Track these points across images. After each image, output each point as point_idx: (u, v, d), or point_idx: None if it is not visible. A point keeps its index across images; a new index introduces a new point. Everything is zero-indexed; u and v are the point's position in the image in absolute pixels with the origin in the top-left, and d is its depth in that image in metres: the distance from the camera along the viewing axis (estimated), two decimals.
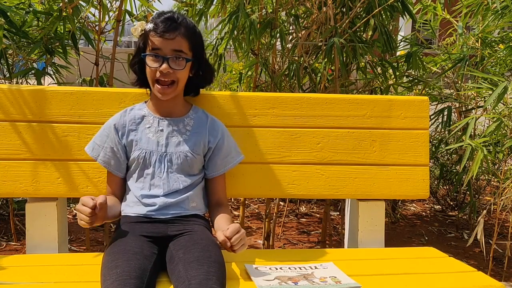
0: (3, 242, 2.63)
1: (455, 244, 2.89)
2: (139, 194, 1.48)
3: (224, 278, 1.28)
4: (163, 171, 1.48)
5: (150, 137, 1.51)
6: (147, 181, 1.49)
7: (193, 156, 1.50)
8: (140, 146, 1.50)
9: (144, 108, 1.56)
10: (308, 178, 1.74)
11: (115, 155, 1.52)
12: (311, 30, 2.30)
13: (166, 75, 1.45)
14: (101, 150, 1.52)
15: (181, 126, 1.53)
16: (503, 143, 2.37)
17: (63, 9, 2.02)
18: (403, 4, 2.30)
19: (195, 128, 1.54)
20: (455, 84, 2.91)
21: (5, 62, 2.18)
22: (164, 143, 1.50)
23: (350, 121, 1.76)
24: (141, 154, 1.49)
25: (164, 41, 1.43)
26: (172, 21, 1.45)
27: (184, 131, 1.52)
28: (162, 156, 1.49)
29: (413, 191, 1.78)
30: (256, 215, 3.29)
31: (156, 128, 1.52)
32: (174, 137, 1.51)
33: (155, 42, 1.44)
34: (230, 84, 3.50)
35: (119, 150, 1.51)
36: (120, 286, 1.17)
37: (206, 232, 1.46)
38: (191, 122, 1.55)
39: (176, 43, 1.44)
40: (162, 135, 1.51)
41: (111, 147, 1.51)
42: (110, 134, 1.52)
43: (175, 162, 1.49)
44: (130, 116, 1.54)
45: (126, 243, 1.35)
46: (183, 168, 1.50)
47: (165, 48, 1.44)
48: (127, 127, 1.52)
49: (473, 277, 1.46)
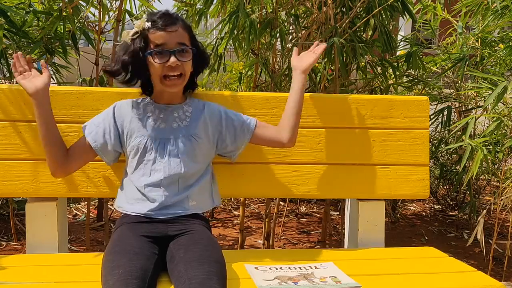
0: (3, 242, 2.63)
1: (455, 244, 2.89)
2: (142, 184, 1.47)
3: (225, 278, 1.28)
4: (165, 155, 1.49)
5: (152, 124, 1.52)
6: (147, 167, 1.49)
7: (195, 140, 1.51)
8: (141, 133, 1.51)
9: (146, 98, 1.58)
10: (308, 178, 1.74)
11: (105, 137, 1.52)
12: (311, 30, 2.30)
13: (175, 68, 1.46)
14: (93, 129, 1.53)
15: (181, 112, 1.55)
16: (503, 143, 2.37)
17: (63, 9, 2.02)
18: (403, 4, 2.30)
19: (194, 114, 1.56)
20: (455, 84, 2.91)
21: (5, 62, 2.18)
22: (166, 128, 1.52)
23: (350, 121, 1.76)
24: (142, 140, 1.50)
25: (168, 35, 1.44)
26: (169, 15, 1.47)
27: (184, 117, 1.54)
28: (163, 142, 1.50)
29: (413, 191, 1.78)
30: (256, 215, 3.29)
31: (157, 115, 1.53)
32: (175, 122, 1.53)
33: (158, 38, 1.44)
34: (230, 84, 3.50)
35: (111, 133, 1.52)
36: (122, 286, 1.17)
37: (206, 231, 1.46)
38: (189, 108, 1.57)
39: (179, 35, 1.46)
40: (163, 121, 1.52)
41: (104, 128, 1.52)
42: (107, 117, 1.54)
43: (177, 146, 1.50)
44: (132, 104, 1.56)
45: (127, 243, 1.35)
46: (186, 152, 1.50)
47: (170, 42, 1.45)
48: (130, 114, 1.54)
49: (473, 277, 1.46)
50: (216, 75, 3.12)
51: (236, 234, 2.87)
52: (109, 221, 2.68)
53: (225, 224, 3.08)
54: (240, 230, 2.46)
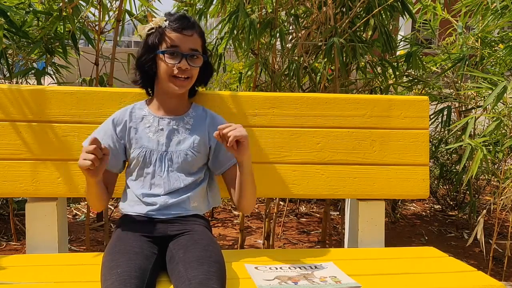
0: (3, 242, 2.63)
1: (455, 244, 2.89)
2: (139, 193, 1.48)
3: (224, 278, 1.28)
4: (164, 170, 1.48)
5: (150, 136, 1.51)
6: (147, 180, 1.49)
7: (193, 155, 1.51)
8: (140, 145, 1.50)
9: (145, 108, 1.57)
10: (308, 178, 1.74)
11: (112, 152, 1.51)
12: (311, 29, 2.30)
13: (184, 71, 1.47)
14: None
15: (181, 124, 1.53)
16: (503, 143, 2.37)
17: (63, 9, 2.02)
18: (403, 4, 2.30)
19: (195, 126, 1.54)
20: (454, 83, 2.91)
21: (5, 62, 2.18)
22: (165, 142, 1.50)
23: (350, 121, 1.76)
24: (141, 153, 1.49)
25: (183, 38, 1.46)
26: (187, 19, 1.49)
27: (184, 130, 1.53)
28: (162, 155, 1.49)
29: (413, 190, 1.78)
30: (256, 215, 3.29)
31: (156, 127, 1.52)
32: (175, 135, 1.52)
33: (174, 39, 1.46)
34: (230, 84, 3.50)
35: (116, 146, 1.52)
36: (120, 286, 1.17)
37: (206, 232, 1.46)
38: (191, 120, 1.55)
39: (193, 41, 1.48)
40: (162, 134, 1.51)
41: (108, 143, 1.51)
42: (108, 131, 1.53)
43: (175, 161, 1.49)
44: (130, 114, 1.55)
45: (126, 243, 1.35)
46: (183, 166, 1.50)
47: (183, 46, 1.46)
48: (127, 124, 1.53)
49: (473, 276, 1.46)
50: (216, 75, 3.12)
51: (236, 234, 2.87)
52: (109, 221, 2.69)
53: (225, 224, 3.08)
54: (240, 230, 2.46)
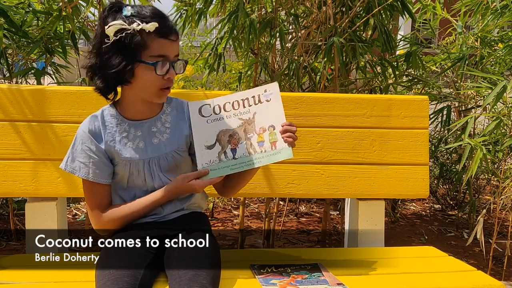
0: (3, 242, 2.63)
1: (455, 244, 2.89)
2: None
3: (217, 274, 1.28)
4: (153, 179, 1.39)
5: (130, 145, 1.37)
6: (138, 190, 1.40)
7: (179, 155, 1.41)
8: (123, 158, 1.37)
9: (116, 115, 1.39)
10: (308, 177, 1.74)
11: (102, 166, 1.38)
12: (310, 29, 2.30)
13: (172, 81, 1.34)
14: (90, 167, 1.36)
15: (160, 125, 1.40)
16: (503, 142, 2.37)
17: (63, 8, 2.02)
18: (403, 4, 2.30)
19: (174, 123, 1.42)
20: (454, 83, 2.91)
21: (5, 62, 2.18)
22: (147, 148, 1.38)
23: (350, 120, 1.76)
24: (126, 167, 1.37)
25: (171, 45, 1.29)
26: (168, 20, 1.31)
27: (163, 130, 1.40)
28: (148, 163, 1.38)
29: (413, 190, 1.78)
30: (256, 215, 3.29)
31: (134, 134, 1.38)
32: (155, 138, 1.39)
33: (161, 46, 1.28)
34: (230, 83, 3.50)
35: (104, 159, 1.37)
36: (112, 285, 1.17)
37: (204, 230, 1.44)
38: (168, 117, 1.42)
39: (177, 46, 1.33)
40: (141, 140, 1.38)
41: (97, 160, 1.37)
42: (91, 147, 1.36)
43: (163, 164, 1.39)
44: (103, 123, 1.38)
45: (121, 243, 1.34)
46: (173, 169, 1.40)
47: (171, 53, 1.30)
48: (103, 136, 1.37)
49: (473, 276, 1.46)
50: (215, 75, 3.12)
51: (236, 233, 2.87)
52: None
53: (225, 223, 3.08)
54: (240, 229, 2.46)
